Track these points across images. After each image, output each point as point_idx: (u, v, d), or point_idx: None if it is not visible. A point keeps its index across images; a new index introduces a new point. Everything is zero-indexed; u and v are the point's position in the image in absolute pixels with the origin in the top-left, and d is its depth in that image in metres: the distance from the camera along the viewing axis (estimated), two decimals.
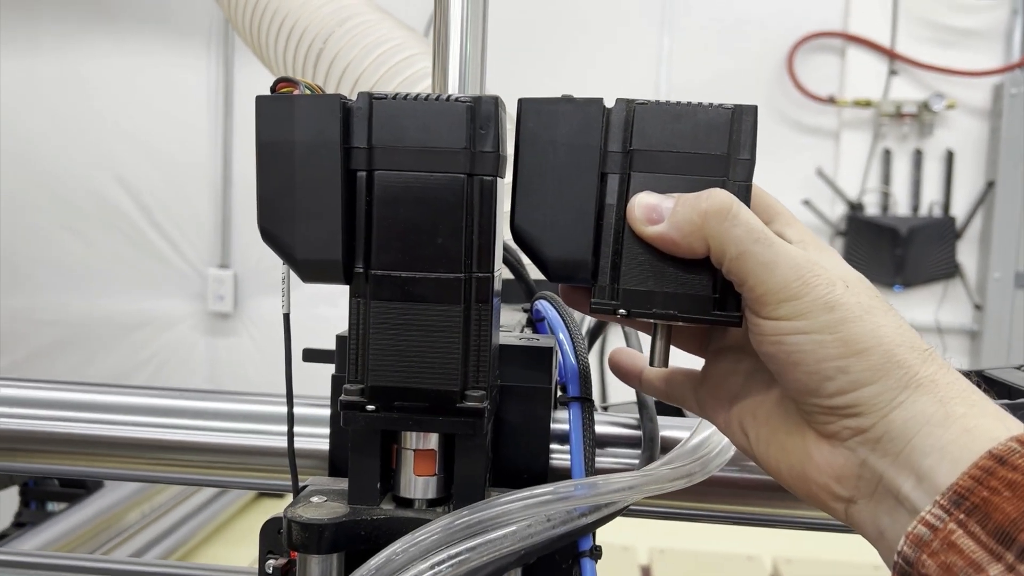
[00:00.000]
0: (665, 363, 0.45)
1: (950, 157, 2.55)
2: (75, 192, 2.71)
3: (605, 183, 0.43)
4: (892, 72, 2.54)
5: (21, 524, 1.45)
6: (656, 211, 0.41)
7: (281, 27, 0.92)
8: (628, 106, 0.43)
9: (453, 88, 0.49)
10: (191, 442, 0.57)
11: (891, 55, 2.54)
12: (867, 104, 2.54)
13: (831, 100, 2.56)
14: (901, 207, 2.58)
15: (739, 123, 0.42)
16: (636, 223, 0.42)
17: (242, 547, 1.79)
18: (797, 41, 2.55)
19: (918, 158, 2.57)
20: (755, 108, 0.42)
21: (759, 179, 0.43)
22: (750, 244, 0.39)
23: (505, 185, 0.44)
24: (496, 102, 0.41)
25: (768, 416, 0.42)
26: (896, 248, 2.52)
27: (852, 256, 2.54)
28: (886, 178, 2.58)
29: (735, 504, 0.53)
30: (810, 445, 0.40)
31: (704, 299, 0.42)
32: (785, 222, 0.43)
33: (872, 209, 2.59)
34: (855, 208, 2.56)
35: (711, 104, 0.42)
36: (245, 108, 2.70)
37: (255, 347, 2.73)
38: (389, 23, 0.87)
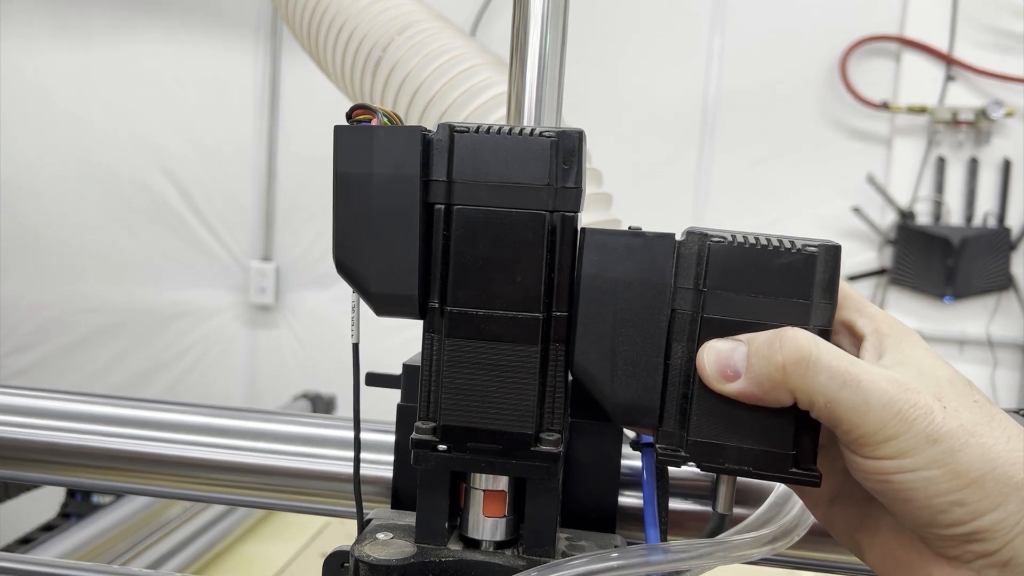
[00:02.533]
0: (730, 509, 0.43)
1: (1007, 166, 2.48)
2: (122, 183, 2.74)
3: (674, 321, 0.40)
4: (949, 78, 2.48)
5: (67, 515, 1.48)
6: (730, 365, 0.38)
7: (340, 33, 0.91)
8: (701, 242, 0.39)
9: (528, 114, 0.48)
10: (247, 464, 0.56)
11: (948, 60, 2.47)
12: (922, 110, 2.47)
13: (884, 106, 2.50)
14: (954, 216, 2.52)
15: (822, 266, 0.38)
16: (711, 381, 0.39)
17: (280, 542, 1.80)
18: (851, 45, 2.50)
19: (973, 167, 2.50)
20: (838, 248, 0.39)
21: (807, 185, 0.40)
22: (836, 391, 0.36)
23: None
24: (580, 136, 0.40)
25: (876, 524, 0.40)
26: (948, 258, 2.46)
27: (902, 266, 2.49)
28: (939, 186, 2.51)
29: (821, 552, 0.50)
30: (930, 564, 0.38)
31: (782, 456, 0.39)
32: (855, 308, 0.41)
33: (924, 218, 2.52)
34: (906, 216, 2.50)
35: (792, 244, 0.38)
36: (291, 103, 2.71)
37: (295, 339, 2.75)
38: (450, 32, 0.85)
